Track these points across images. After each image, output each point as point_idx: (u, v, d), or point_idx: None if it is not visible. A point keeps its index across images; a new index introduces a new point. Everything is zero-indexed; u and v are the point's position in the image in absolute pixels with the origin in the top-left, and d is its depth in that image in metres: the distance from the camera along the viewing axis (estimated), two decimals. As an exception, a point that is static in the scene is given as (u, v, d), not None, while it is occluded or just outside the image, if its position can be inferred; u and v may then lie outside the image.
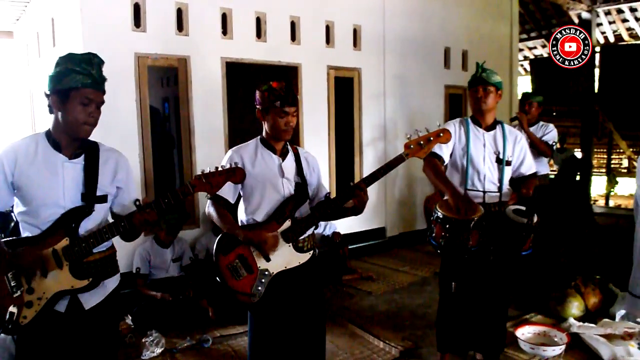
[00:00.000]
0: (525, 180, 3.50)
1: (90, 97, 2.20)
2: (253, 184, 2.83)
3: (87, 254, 2.25)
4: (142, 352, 4.02)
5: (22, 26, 8.41)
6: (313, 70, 6.56)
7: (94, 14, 4.95)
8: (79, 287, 2.25)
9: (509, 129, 3.51)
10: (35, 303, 2.19)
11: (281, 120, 2.78)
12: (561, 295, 4.61)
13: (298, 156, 2.97)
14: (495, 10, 9.08)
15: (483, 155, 3.40)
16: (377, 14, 7.23)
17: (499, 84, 3.41)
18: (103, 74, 2.28)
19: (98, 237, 2.24)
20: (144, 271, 4.88)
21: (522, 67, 15.12)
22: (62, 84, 2.17)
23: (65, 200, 2.23)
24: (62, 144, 2.25)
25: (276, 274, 2.78)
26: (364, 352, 4.11)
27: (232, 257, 2.77)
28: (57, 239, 2.21)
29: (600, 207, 11.24)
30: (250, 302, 2.76)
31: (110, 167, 2.36)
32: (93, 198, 2.27)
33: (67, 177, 2.24)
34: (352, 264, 6.33)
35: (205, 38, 5.64)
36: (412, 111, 7.69)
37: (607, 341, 3.81)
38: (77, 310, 2.29)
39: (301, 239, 2.84)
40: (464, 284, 3.38)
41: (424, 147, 2.81)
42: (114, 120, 5.05)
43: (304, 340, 2.91)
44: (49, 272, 2.20)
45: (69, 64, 2.19)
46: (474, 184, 3.39)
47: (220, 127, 5.78)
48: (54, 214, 2.22)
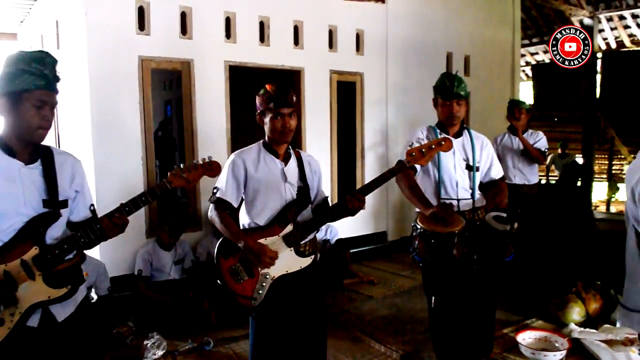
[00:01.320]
0: (496, 185, 3.45)
1: (44, 99, 2.05)
2: (256, 188, 2.82)
3: (60, 262, 2.11)
4: (143, 354, 4.02)
5: (26, 28, 8.45)
6: (316, 74, 6.57)
7: (98, 17, 4.97)
8: (57, 296, 2.11)
9: (475, 134, 3.48)
10: (7, 320, 2.02)
11: (277, 122, 2.75)
12: (562, 300, 4.61)
13: (301, 160, 2.96)
14: (498, 16, 9.10)
15: (454, 163, 3.35)
16: (380, 19, 7.25)
17: (468, 94, 3.45)
18: (57, 74, 2.14)
19: (72, 242, 2.11)
20: (145, 273, 4.90)
21: (524, 73, 15.14)
22: (13, 85, 2.01)
23: (27, 207, 2.07)
24: (15, 149, 2.08)
25: (277, 277, 2.78)
26: (365, 355, 4.12)
27: (233, 261, 2.77)
28: (24, 249, 2.05)
29: (601, 213, 11.23)
30: (251, 306, 2.76)
31: (67, 171, 2.21)
32: (57, 203, 2.13)
33: (26, 183, 2.08)
34: (353, 268, 6.32)
35: (208, 42, 5.66)
36: (414, 116, 7.69)
37: (608, 347, 3.80)
38: (50, 323, 2.14)
39: (303, 244, 2.84)
40: (448, 296, 3.31)
41: (425, 155, 2.79)
42: (117, 123, 5.09)
43: (305, 345, 2.90)
44: (19, 285, 2.03)
45: (20, 64, 2.03)
46: (448, 192, 3.34)
47: (222, 131, 5.80)
48: (16, 223, 2.05)
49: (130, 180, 5.03)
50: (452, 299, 3.33)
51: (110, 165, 5.02)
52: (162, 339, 4.14)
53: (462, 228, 3.03)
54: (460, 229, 3.01)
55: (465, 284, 3.29)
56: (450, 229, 3.01)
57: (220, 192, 2.81)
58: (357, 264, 6.69)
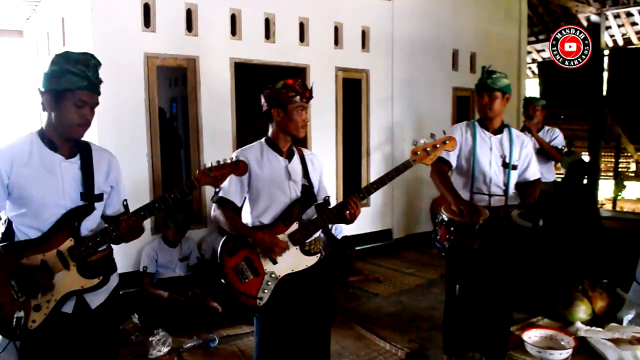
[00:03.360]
0: (530, 186, 3.48)
1: (85, 100, 2.17)
2: (260, 186, 2.80)
3: (93, 253, 2.23)
4: (148, 351, 4.03)
5: (32, 25, 8.46)
6: (321, 71, 6.55)
7: (104, 14, 4.97)
8: (90, 286, 2.24)
9: (516, 133, 3.50)
10: (43, 306, 2.16)
11: (300, 116, 2.78)
12: (568, 299, 4.59)
13: (303, 158, 2.95)
14: (504, 13, 9.06)
15: (489, 159, 3.39)
16: (386, 15, 7.23)
17: (505, 87, 3.38)
18: (99, 76, 2.26)
19: (105, 235, 2.23)
20: (150, 270, 4.90)
21: (530, 70, 15.09)
22: (57, 84, 2.13)
23: (65, 199, 2.20)
24: (57, 144, 2.22)
25: (283, 277, 2.77)
26: (370, 353, 4.11)
27: (237, 260, 2.74)
28: (60, 240, 2.19)
29: (608, 211, 11.19)
30: (256, 306, 2.74)
31: (104, 166, 2.34)
32: (93, 196, 2.26)
33: (65, 177, 2.21)
34: (358, 266, 6.33)
35: (214, 38, 5.65)
36: (419, 113, 7.69)
37: (615, 345, 3.80)
38: (84, 310, 2.28)
39: (308, 242, 2.83)
40: (469, 287, 3.37)
41: (430, 154, 2.81)
42: (123, 120, 5.09)
43: (309, 344, 2.90)
44: (55, 274, 2.16)
45: (65, 64, 2.14)
46: (480, 187, 3.39)
47: (228, 128, 5.80)
48: (55, 214, 2.19)
49: (136, 177, 5.03)
50: (473, 290, 3.37)
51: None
52: (167, 335, 4.15)
53: (485, 220, 3.06)
54: (482, 220, 3.05)
55: (486, 277, 3.32)
56: (472, 220, 3.05)
57: (223, 191, 2.78)
58: (362, 261, 6.69)
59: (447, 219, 3.15)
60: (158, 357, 4.02)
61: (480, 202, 3.31)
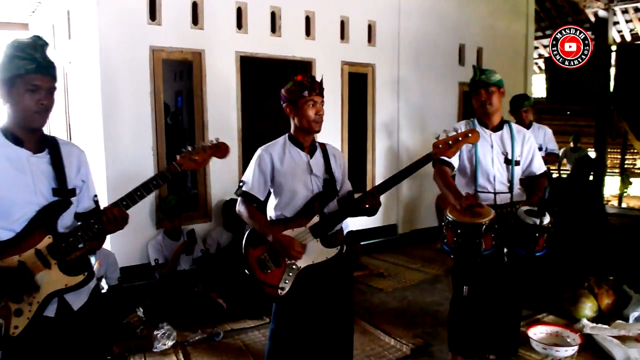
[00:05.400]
0: (537, 180, 3.47)
1: (37, 84, 2.04)
2: (282, 181, 2.87)
3: (75, 249, 2.12)
4: (153, 344, 4.04)
5: (37, 18, 8.47)
6: (327, 65, 6.53)
7: (109, 7, 4.96)
8: (75, 283, 2.13)
9: (516, 129, 3.48)
10: (25, 310, 2.03)
11: (311, 110, 2.83)
12: (574, 295, 4.58)
13: (326, 152, 3.01)
14: (511, 8, 9.01)
15: (491, 156, 3.38)
16: (392, 10, 7.20)
17: (499, 82, 3.39)
18: (49, 58, 2.12)
19: (87, 229, 2.12)
20: (162, 261, 4.91)
21: (537, 65, 15.00)
22: (6, 71, 2.03)
23: (37, 196, 2.08)
24: (22, 138, 2.10)
25: (303, 268, 2.83)
26: (374, 348, 4.11)
27: (260, 251, 2.85)
28: (37, 239, 2.07)
29: (613, 208, 11.13)
30: (278, 295, 2.82)
31: (74, 160, 2.23)
32: (66, 191, 2.15)
33: (36, 172, 2.09)
34: (363, 261, 6.33)
35: (220, 32, 5.64)
36: (425, 108, 7.66)
37: (621, 343, 3.78)
38: (66, 313, 2.16)
39: (329, 234, 2.88)
40: (477, 287, 3.37)
41: (452, 147, 2.81)
42: (128, 113, 5.09)
43: (331, 336, 2.95)
44: (35, 275, 2.04)
45: (12, 50, 2.04)
46: (484, 186, 3.37)
47: (233, 122, 5.79)
48: (28, 212, 2.06)
49: (141, 170, 5.02)
50: (481, 291, 3.38)
51: (121, 156, 5.03)
52: (172, 329, 4.17)
53: (491, 220, 3.06)
54: (488, 220, 3.05)
55: (494, 276, 3.32)
56: (477, 220, 3.05)
57: (246, 185, 2.88)
58: (367, 256, 6.69)
59: (452, 220, 3.15)
60: (163, 350, 4.03)
61: (486, 201, 3.29)
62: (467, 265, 3.37)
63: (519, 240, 3.20)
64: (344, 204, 2.89)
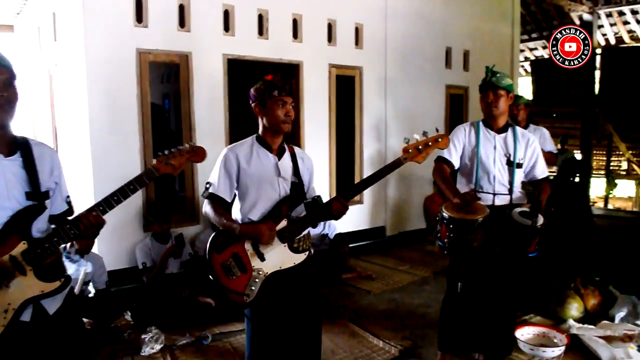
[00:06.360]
0: (539, 184, 3.48)
1: None
2: (248, 183, 2.79)
3: (51, 255, 2.07)
4: (141, 348, 4.01)
5: (23, 20, 8.39)
6: (314, 68, 6.54)
7: (95, 9, 4.93)
8: (51, 289, 2.08)
9: (521, 132, 3.51)
10: (1, 317, 1.98)
11: (280, 110, 2.75)
12: (560, 296, 4.61)
13: (294, 155, 2.94)
14: (497, 11, 9.08)
15: (493, 157, 3.41)
16: (379, 13, 7.22)
17: (509, 86, 3.41)
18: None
19: (63, 234, 2.07)
20: (150, 264, 4.87)
21: (523, 68, 15.12)
22: None
23: (10, 201, 2.01)
24: None
25: (270, 274, 2.75)
26: (363, 351, 4.11)
27: (226, 256, 2.74)
28: (11, 245, 2.00)
29: (599, 209, 11.24)
30: (243, 302, 2.74)
31: (47, 162, 2.16)
32: (40, 195, 2.08)
33: (8, 176, 2.02)
34: (352, 263, 6.32)
35: (207, 34, 5.62)
36: (413, 110, 7.69)
37: (607, 343, 3.81)
38: (41, 317, 2.11)
39: (297, 239, 2.80)
40: (471, 285, 3.40)
41: (422, 152, 2.77)
42: (115, 116, 5.06)
43: (300, 341, 2.88)
44: (10, 282, 1.99)
45: None
46: (484, 186, 3.40)
47: (221, 124, 5.77)
48: (1, 217, 1.99)
49: (128, 173, 4.92)
50: (475, 288, 3.40)
51: (107, 158, 4.99)
52: (160, 332, 4.13)
53: (484, 218, 3.10)
54: (481, 218, 3.09)
55: (486, 275, 3.35)
56: (470, 216, 3.11)
57: (212, 187, 2.79)
58: (356, 258, 6.68)
59: (447, 216, 3.19)
60: (151, 354, 4.00)
61: (485, 201, 3.32)
62: (462, 262, 3.40)
63: (512, 240, 3.22)
64: (312, 209, 2.79)
